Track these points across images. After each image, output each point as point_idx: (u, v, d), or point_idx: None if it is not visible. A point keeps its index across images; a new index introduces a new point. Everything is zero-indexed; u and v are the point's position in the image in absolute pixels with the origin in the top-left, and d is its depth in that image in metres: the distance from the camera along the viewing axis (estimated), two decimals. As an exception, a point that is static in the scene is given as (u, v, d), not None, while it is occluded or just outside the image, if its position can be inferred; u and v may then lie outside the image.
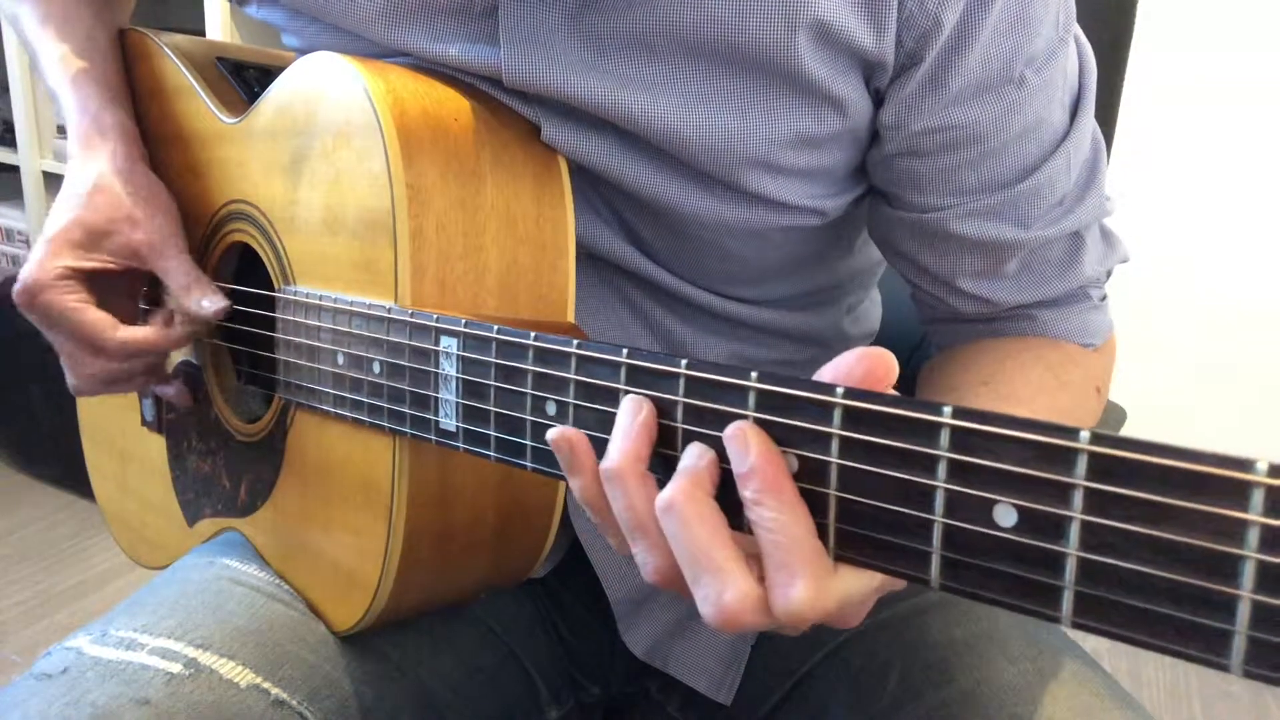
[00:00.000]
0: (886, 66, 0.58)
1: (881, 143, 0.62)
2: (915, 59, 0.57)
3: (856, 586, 0.40)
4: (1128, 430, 0.74)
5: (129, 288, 0.71)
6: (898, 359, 0.42)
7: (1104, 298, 0.71)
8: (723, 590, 0.39)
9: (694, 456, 0.40)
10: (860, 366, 0.38)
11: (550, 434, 0.44)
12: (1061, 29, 0.60)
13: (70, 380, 0.69)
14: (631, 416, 0.42)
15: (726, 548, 0.39)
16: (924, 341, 0.93)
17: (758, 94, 0.58)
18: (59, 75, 0.74)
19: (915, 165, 0.62)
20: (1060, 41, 0.60)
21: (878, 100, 0.60)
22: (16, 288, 0.66)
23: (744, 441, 0.38)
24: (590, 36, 0.58)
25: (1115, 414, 0.90)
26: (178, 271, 0.67)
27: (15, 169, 2.05)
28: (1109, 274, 0.71)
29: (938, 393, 0.67)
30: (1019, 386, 0.65)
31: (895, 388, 0.39)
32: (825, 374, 0.39)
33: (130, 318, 0.69)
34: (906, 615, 0.65)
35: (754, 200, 0.62)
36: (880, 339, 0.87)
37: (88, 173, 0.68)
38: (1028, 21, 0.57)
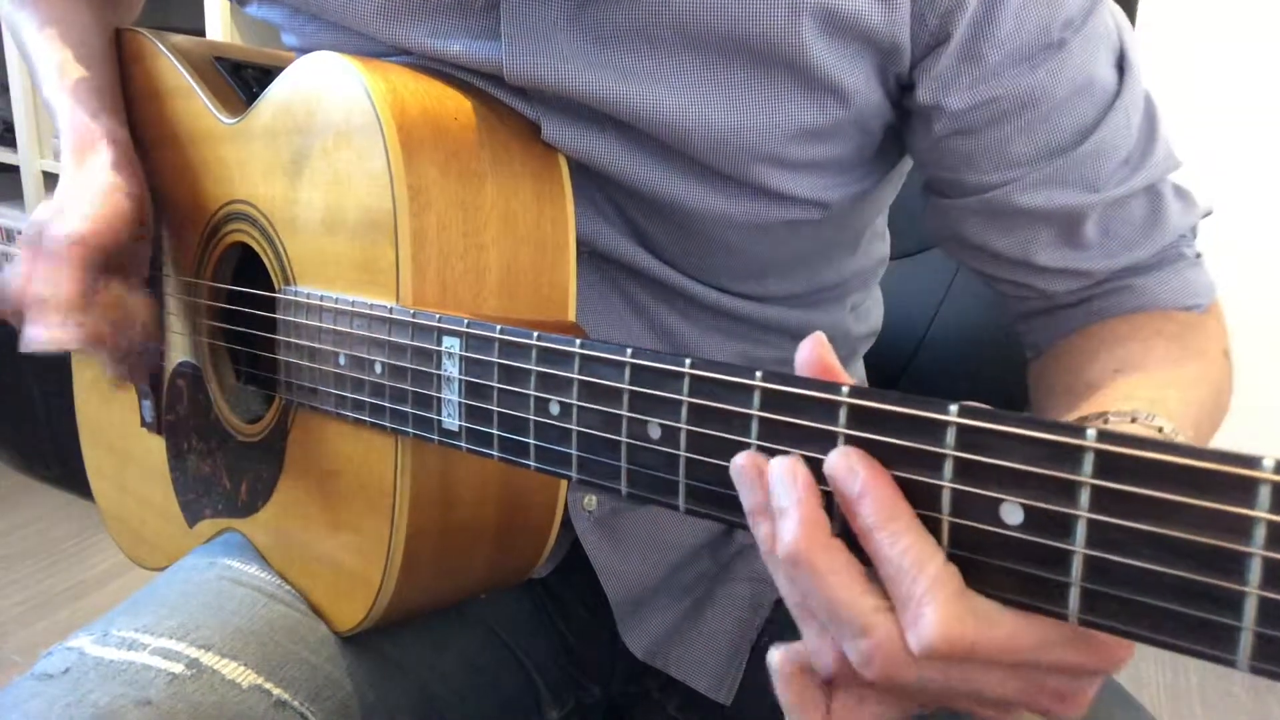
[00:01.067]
0: (902, 49, 0.57)
1: (929, 126, 0.61)
2: (941, 36, 0.56)
3: (1002, 623, 0.35)
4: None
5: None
6: (898, 359, 0.42)
7: (1199, 255, 0.68)
8: (868, 640, 0.35)
9: (799, 489, 0.37)
10: (813, 351, 0.38)
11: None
12: None
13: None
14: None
15: (869, 595, 0.36)
16: (924, 342, 0.93)
17: (761, 84, 0.58)
18: (54, 83, 0.74)
19: (967, 144, 0.61)
20: (1094, 0, 0.59)
21: (899, 89, 0.60)
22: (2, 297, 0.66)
23: (849, 467, 0.35)
24: (592, 29, 0.58)
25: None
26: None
27: (15, 169, 2.05)
28: (1195, 231, 0.69)
29: (1067, 392, 0.63)
30: (1152, 365, 0.61)
31: (901, 389, 0.38)
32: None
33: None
34: None
35: (757, 193, 0.62)
36: (881, 339, 0.87)
37: (77, 182, 0.68)
38: None
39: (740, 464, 0.38)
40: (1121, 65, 0.62)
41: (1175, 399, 0.56)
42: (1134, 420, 0.51)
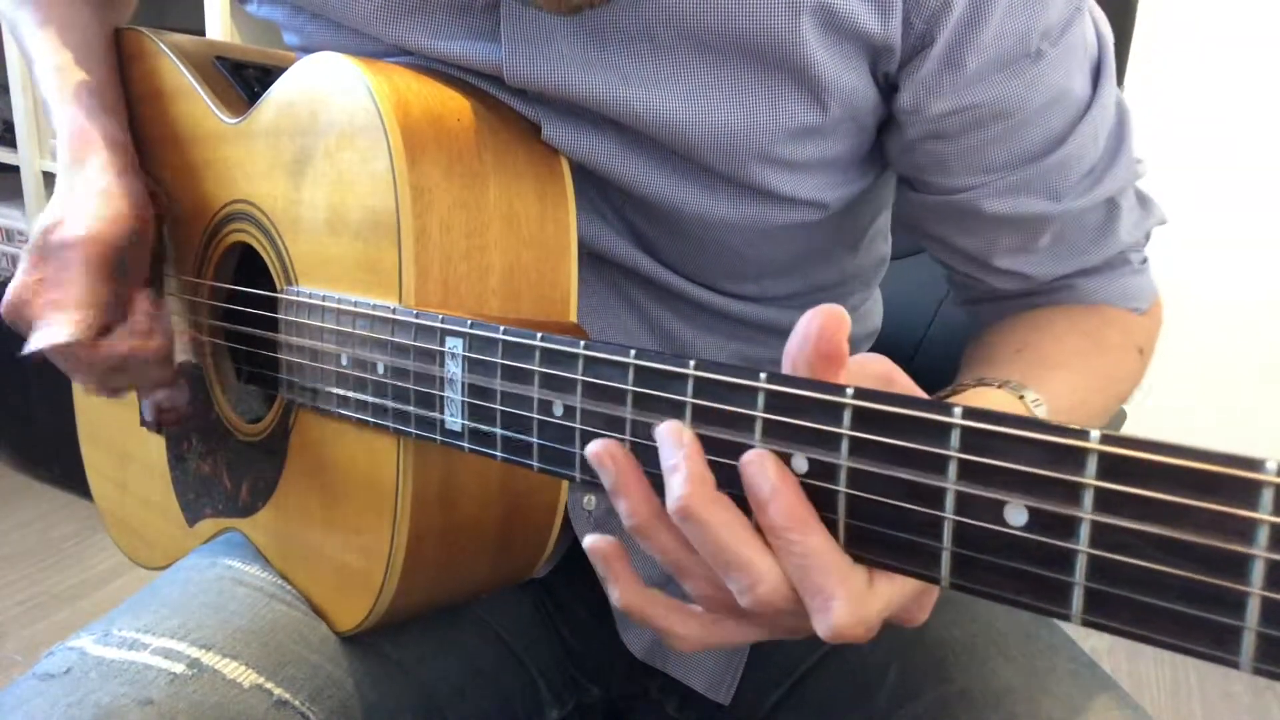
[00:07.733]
0: (894, 50, 0.58)
1: (903, 129, 0.62)
2: (927, 40, 0.57)
3: (896, 595, 0.40)
4: (1128, 429, 0.74)
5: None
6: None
7: (1144, 261, 0.71)
8: (756, 583, 0.39)
9: (685, 447, 0.40)
10: (814, 324, 0.39)
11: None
12: None
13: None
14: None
15: (753, 542, 0.40)
16: (924, 342, 0.93)
17: (761, 82, 0.58)
18: (52, 84, 0.73)
19: (940, 148, 0.62)
20: (1075, 11, 0.60)
21: (888, 87, 0.60)
22: (3, 301, 0.65)
23: (762, 468, 0.38)
24: (592, 31, 0.58)
25: (1115, 415, 0.90)
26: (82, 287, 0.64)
27: (15, 169, 2.05)
28: (1148, 237, 0.71)
29: (972, 366, 0.66)
30: (1053, 351, 0.65)
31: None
32: (790, 349, 0.39)
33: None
34: None
35: (756, 195, 0.62)
36: (881, 339, 0.87)
37: (75, 185, 0.68)
38: None
39: (594, 451, 0.42)
40: (1096, 76, 0.63)
41: (1058, 380, 0.61)
42: (1002, 386, 0.57)
